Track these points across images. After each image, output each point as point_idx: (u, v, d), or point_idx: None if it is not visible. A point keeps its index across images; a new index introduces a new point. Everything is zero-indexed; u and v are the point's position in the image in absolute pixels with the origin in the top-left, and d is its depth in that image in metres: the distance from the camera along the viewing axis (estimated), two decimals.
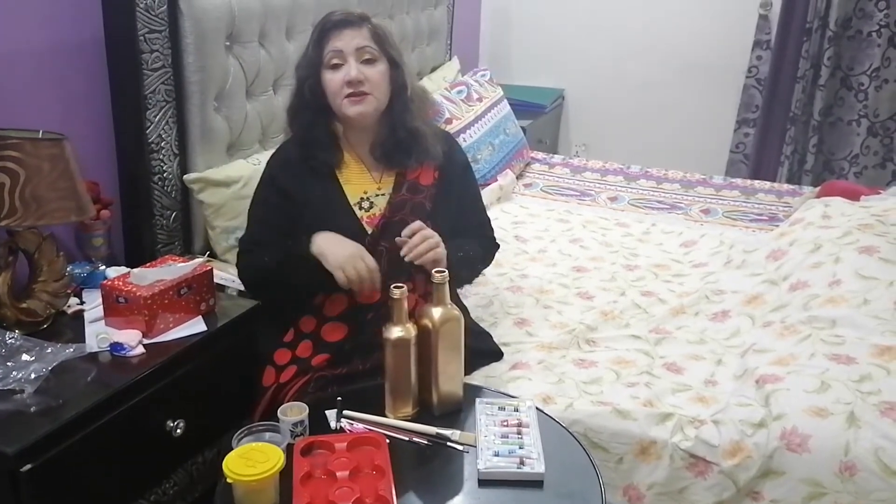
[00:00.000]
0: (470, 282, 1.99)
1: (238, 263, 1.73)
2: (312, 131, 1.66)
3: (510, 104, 3.28)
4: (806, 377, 1.60)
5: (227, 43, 1.96)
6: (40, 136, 1.49)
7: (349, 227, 1.63)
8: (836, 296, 1.87)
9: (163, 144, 1.85)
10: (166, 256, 1.72)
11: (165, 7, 1.77)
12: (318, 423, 1.40)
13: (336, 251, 1.55)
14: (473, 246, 1.73)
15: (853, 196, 2.44)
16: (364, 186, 1.68)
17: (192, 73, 1.86)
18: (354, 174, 1.69)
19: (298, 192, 1.65)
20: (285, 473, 1.23)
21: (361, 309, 1.61)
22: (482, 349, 1.76)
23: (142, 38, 1.73)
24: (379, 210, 1.67)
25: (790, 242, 2.19)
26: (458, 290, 1.89)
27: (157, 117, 1.82)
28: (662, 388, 1.68)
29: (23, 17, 1.64)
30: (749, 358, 1.76)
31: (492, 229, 1.87)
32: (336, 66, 1.60)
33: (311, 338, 1.65)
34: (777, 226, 2.54)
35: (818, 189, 2.76)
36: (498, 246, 1.88)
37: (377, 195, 1.68)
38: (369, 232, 1.65)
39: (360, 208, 1.67)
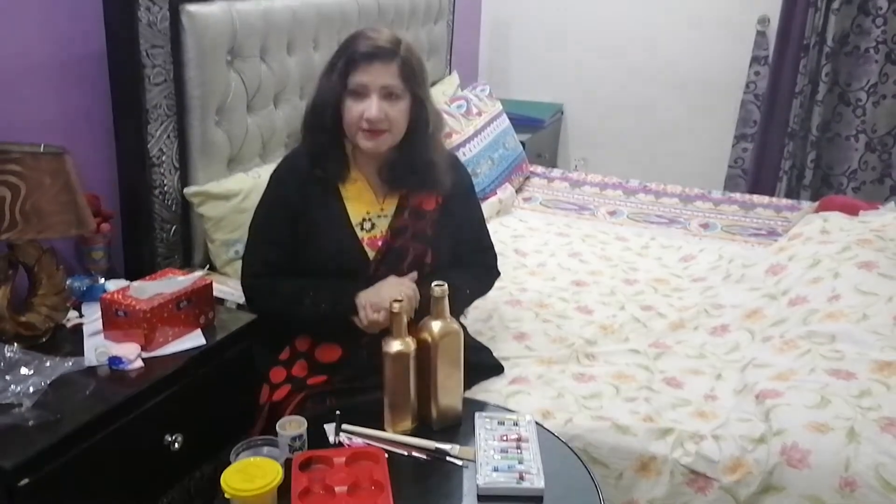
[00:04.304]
0: (457, 316, 1.97)
1: (250, 294, 1.69)
2: (325, 147, 1.64)
3: (509, 118, 3.29)
4: (806, 392, 1.60)
5: (229, 58, 1.97)
6: (42, 150, 1.49)
7: (349, 245, 1.64)
8: (836, 311, 1.87)
9: (164, 158, 1.86)
10: (166, 269, 1.72)
11: (167, 23, 1.78)
12: (316, 438, 1.39)
13: (381, 287, 1.57)
14: (466, 279, 1.70)
15: (852, 211, 2.45)
16: (367, 207, 1.67)
17: (193, 87, 1.87)
18: (358, 192, 1.67)
19: (302, 203, 1.64)
20: (283, 488, 1.22)
21: (356, 332, 1.60)
22: (481, 363, 1.76)
23: (144, 52, 1.74)
24: (380, 231, 1.66)
25: (789, 257, 2.19)
26: None
27: (159, 131, 1.83)
28: (662, 403, 1.68)
29: (25, 31, 1.65)
30: (749, 373, 1.75)
31: (494, 257, 1.84)
32: (358, 96, 1.56)
33: (305, 357, 1.65)
34: (776, 240, 2.54)
35: (817, 204, 2.76)
36: (498, 274, 1.85)
37: (379, 216, 1.67)
38: (369, 254, 1.64)
39: (362, 229, 1.66)
